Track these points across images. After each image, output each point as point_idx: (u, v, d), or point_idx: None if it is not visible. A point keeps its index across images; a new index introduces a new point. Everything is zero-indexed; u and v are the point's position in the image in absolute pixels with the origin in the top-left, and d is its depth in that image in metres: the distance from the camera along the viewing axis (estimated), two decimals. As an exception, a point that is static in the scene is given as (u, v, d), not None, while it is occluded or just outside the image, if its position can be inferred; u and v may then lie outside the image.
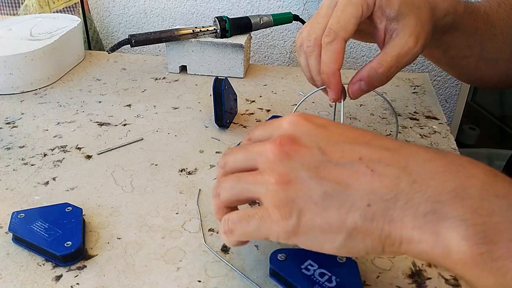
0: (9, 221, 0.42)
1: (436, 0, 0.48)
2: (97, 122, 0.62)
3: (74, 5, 0.96)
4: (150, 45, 0.92)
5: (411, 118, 0.63)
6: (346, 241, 0.29)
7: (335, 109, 0.47)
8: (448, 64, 0.61)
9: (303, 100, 0.49)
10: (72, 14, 0.91)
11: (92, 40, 0.97)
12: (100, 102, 0.68)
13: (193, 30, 0.73)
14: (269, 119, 0.51)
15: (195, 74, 0.77)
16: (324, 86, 0.46)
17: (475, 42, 0.55)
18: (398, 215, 0.28)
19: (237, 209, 0.35)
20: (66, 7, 0.98)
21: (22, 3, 0.93)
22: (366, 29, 0.48)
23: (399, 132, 0.59)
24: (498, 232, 0.26)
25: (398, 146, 0.30)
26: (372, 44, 0.97)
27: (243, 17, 0.76)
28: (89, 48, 0.97)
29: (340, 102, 0.46)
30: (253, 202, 0.44)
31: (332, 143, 0.31)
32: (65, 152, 0.55)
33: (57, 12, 0.93)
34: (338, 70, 0.45)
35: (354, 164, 0.29)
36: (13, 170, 0.52)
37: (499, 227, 0.26)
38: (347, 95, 0.47)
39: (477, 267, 0.26)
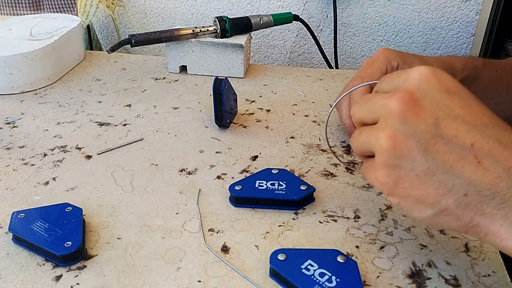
0: (9, 221, 0.42)
1: (451, 59, 0.52)
2: (97, 122, 0.62)
3: (74, 5, 0.96)
4: (150, 45, 0.92)
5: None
6: (434, 216, 0.32)
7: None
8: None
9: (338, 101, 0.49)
10: (72, 14, 0.91)
11: (93, 40, 0.97)
12: (100, 102, 0.68)
13: (193, 30, 0.73)
14: None
15: (195, 74, 0.77)
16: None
17: (502, 90, 0.56)
18: (490, 212, 0.30)
19: None
20: (66, 8, 0.98)
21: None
22: None
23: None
24: None
25: (510, 141, 0.30)
26: (372, 44, 0.97)
27: (243, 17, 0.76)
28: (91, 48, 0.97)
29: None
30: None
31: (450, 117, 0.30)
32: (65, 152, 0.55)
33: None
34: None
35: (464, 150, 0.30)
36: (13, 170, 0.52)
37: None
38: None
39: None
